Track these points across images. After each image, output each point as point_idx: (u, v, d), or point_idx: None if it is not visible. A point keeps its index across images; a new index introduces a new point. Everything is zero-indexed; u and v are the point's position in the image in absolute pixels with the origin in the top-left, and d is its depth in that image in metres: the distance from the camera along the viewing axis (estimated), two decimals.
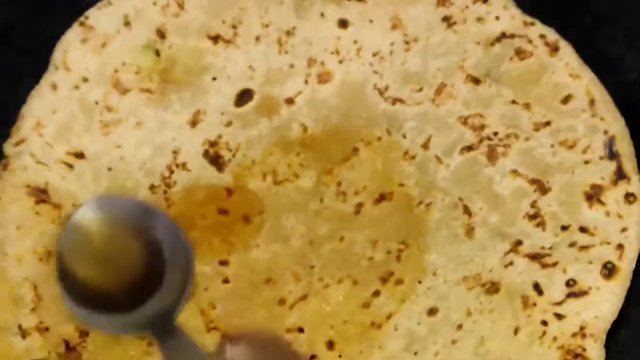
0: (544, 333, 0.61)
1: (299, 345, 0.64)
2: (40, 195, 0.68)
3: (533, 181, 0.66)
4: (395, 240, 0.66)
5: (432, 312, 0.64)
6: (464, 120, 0.69)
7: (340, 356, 0.64)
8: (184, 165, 0.70)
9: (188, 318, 0.66)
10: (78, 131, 0.70)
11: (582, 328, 0.61)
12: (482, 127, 0.68)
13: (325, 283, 0.65)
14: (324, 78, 0.72)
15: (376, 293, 0.65)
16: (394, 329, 0.64)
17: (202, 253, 0.67)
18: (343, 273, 0.65)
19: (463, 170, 0.67)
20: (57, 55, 0.71)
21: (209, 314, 0.65)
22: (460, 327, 0.63)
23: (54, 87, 0.70)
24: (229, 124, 0.71)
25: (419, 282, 0.65)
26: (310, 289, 0.65)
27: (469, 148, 0.68)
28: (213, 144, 0.70)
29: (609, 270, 0.62)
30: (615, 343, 0.62)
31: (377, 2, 0.73)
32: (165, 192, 0.69)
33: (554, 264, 0.63)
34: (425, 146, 0.69)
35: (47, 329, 0.65)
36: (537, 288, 0.63)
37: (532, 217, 0.65)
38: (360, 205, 0.67)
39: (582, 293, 0.62)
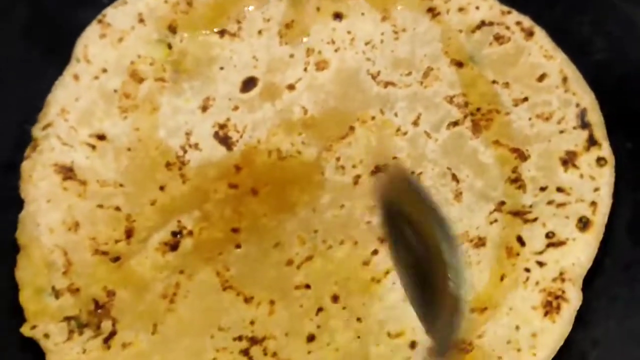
0: (527, 279, 0.69)
1: (306, 300, 0.72)
2: (67, 172, 0.76)
3: (513, 150, 0.75)
4: None
5: None
6: (450, 99, 0.78)
7: (344, 308, 0.72)
8: (196, 146, 0.78)
9: (205, 279, 0.73)
10: (99, 116, 0.79)
11: (561, 274, 0.69)
12: (466, 104, 0.77)
13: (328, 245, 0.73)
14: (321, 66, 0.81)
15: (375, 252, 0.73)
16: (392, 282, 0.71)
17: (215, 222, 0.76)
18: (344, 235, 0.74)
19: (450, 143, 0.76)
20: (78, 50, 0.80)
21: (223, 275, 0.73)
22: None
23: (76, 77, 0.79)
24: (236, 108, 0.80)
25: None
26: (315, 250, 0.74)
27: (455, 123, 0.77)
28: (222, 126, 0.79)
29: (583, 223, 0.70)
30: (591, 289, 0.69)
31: None
32: (180, 169, 0.77)
33: (535, 219, 0.71)
34: (415, 123, 0.77)
35: (77, 290, 0.73)
36: (520, 240, 0.71)
37: (513, 181, 0.74)
38: (358, 177, 0.76)
39: (561, 243, 0.70)
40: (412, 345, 0.69)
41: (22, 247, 0.72)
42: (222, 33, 0.82)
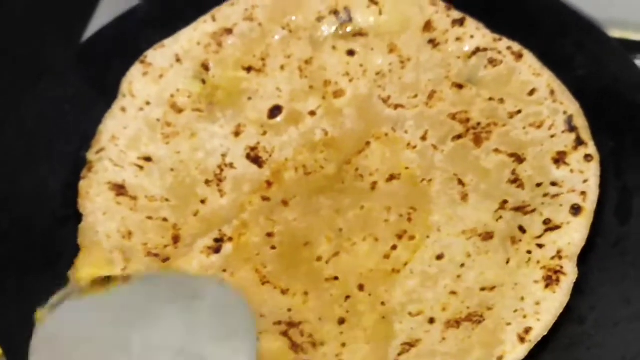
0: (529, 259, 0.80)
1: (335, 290, 0.83)
2: (119, 189, 0.88)
3: (511, 155, 0.87)
4: (405, 206, 0.86)
5: (439, 257, 0.83)
6: (453, 116, 0.90)
7: (369, 295, 0.83)
8: (231, 165, 0.91)
9: (246, 275, 0.85)
10: (145, 141, 0.91)
11: (558, 252, 0.79)
12: (468, 120, 0.90)
13: (353, 242, 0.85)
14: (338, 94, 0.94)
15: (394, 247, 0.84)
16: (410, 272, 0.83)
17: (252, 229, 0.88)
18: (366, 233, 0.85)
19: (455, 153, 0.88)
20: (124, 86, 0.93)
21: (261, 271, 0.85)
22: (463, 265, 0.82)
23: (123, 109, 0.92)
24: (264, 133, 0.93)
25: (427, 236, 0.84)
26: (341, 247, 0.85)
27: (459, 137, 0.89)
28: (253, 148, 0.92)
29: (575, 209, 0.81)
30: (586, 264, 0.80)
31: (377, 34, 0.96)
32: (217, 185, 0.90)
33: (533, 210, 0.82)
34: (423, 138, 0.90)
35: None
36: (522, 229, 0.82)
37: (513, 181, 0.85)
38: (375, 183, 0.88)
39: (557, 227, 0.80)
40: (431, 320, 0.79)
41: (84, 249, 0.84)
42: (248, 69, 0.95)
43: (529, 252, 0.80)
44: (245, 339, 0.78)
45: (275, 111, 0.94)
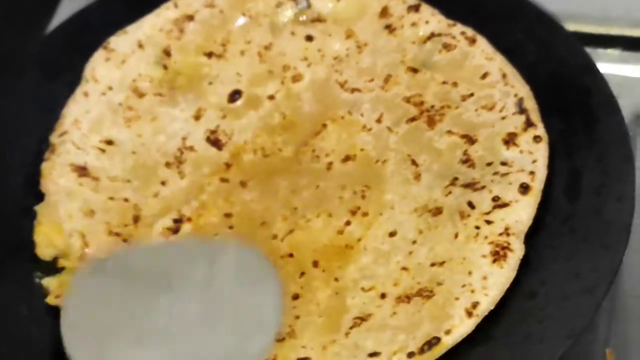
0: (477, 234, 0.81)
1: (291, 267, 0.85)
2: (82, 171, 0.90)
3: (463, 136, 0.88)
4: (360, 184, 0.88)
5: (392, 234, 0.84)
6: (407, 99, 0.92)
7: (323, 271, 0.84)
8: (191, 148, 0.93)
9: None
10: (107, 125, 0.93)
11: (506, 229, 0.81)
12: (422, 103, 0.91)
13: (307, 219, 0.87)
14: (296, 78, 0.96)
15: (347, 223, 0.86)
16: (363, 248, 0.84)
17: (210, 209, 0.89)
18: (320, 209, 0.87)
19: (409, 135, 0.90)
20: (87, 71, 0.95)
21: None
22: (414, 242, 0.83)
23: (86, 94, 0.94)
24: (224, 116, 0.95)
25: (380, 214, 0.86)
26: (296, 224, 0.87)
27: (413, 119, 0.91)
28: (213, 131, 0.94)
29: (524, 188, 0.83)
30: (537, 241, 0.81)
31: (335, 20, 0.97)
32: (178, 167, 0.91)
33: (482, 187, 0.84)
34: (379, 121, 0.92)
35: None
36: (471, 204, 0.83)
37: (464, 161, 0.87)
38: (330, 164, 0.90)
39: (505, 205, 0.82)
40: (382, 296, 0.80)
41: (43, 229, 0.85)
42: (209, 55, 0.97)
43: (477, 227, 0.81)
44: (270, 283, 0.82)
45: (235, 95, 0.96)
